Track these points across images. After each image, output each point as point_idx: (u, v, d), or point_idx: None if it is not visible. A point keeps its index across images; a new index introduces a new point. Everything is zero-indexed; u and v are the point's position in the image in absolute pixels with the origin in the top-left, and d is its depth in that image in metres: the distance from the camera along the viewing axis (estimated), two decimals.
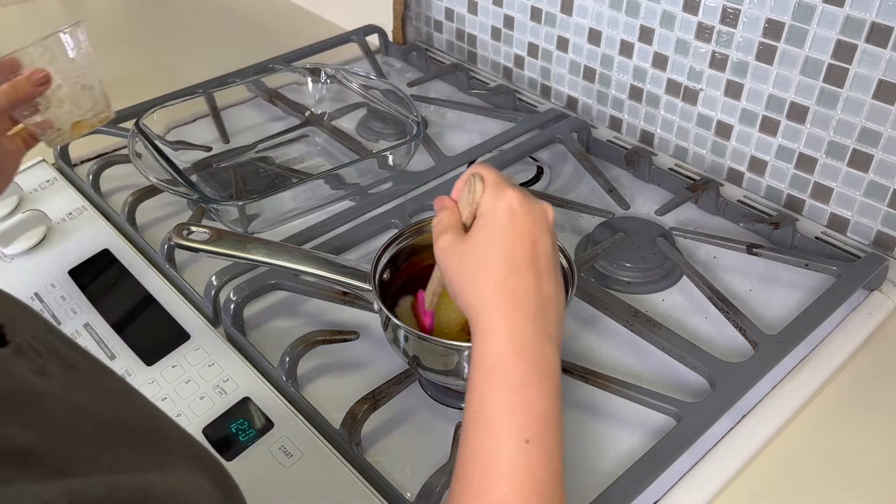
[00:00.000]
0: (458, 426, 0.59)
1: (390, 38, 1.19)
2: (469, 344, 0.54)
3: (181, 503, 0.32)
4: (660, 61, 0.89)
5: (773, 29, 0.77)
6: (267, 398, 0.61)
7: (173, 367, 0.64)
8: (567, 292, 0.60)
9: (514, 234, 0.48)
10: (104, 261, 0.75)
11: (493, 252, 0.48)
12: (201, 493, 0.33)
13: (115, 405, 0.35)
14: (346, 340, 0.65)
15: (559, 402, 0.45)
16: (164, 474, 0.33)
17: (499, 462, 0.42)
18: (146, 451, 0.34)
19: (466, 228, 0.50)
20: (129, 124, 0.85)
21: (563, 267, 0.63)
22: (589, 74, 0.98)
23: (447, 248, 0.50)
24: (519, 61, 1.06)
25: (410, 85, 1.06)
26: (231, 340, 0.67)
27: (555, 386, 0.45)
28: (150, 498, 0.31)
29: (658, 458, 0.56)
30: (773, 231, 0.78)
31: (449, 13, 1.13)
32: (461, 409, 0.62)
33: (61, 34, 0.64)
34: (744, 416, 0.62)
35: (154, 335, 0.68)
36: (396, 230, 0.66)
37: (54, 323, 0.69)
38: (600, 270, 0.75)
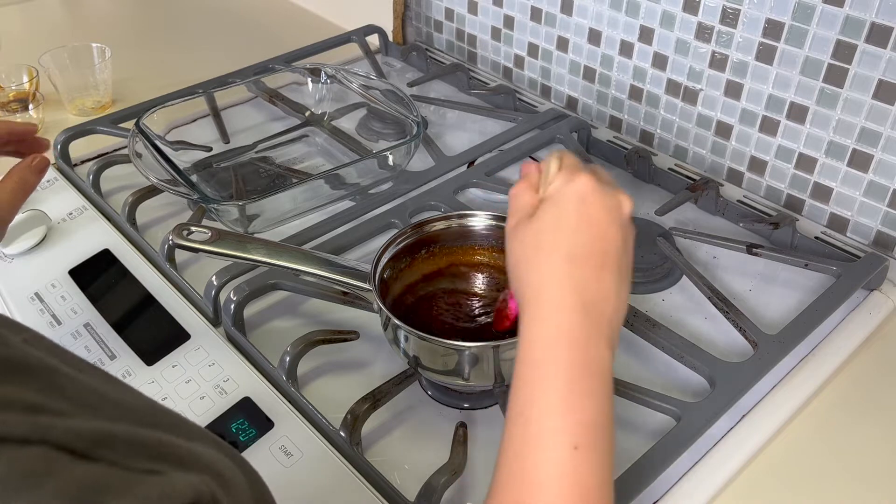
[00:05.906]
0: (459, 426, 0.59)
1: (390, 38, 1.19)
2: (469, 344, 0.54)
3: (204, 462, 0.30)
4: (660, 61, 0.89)
5: (772, 29, 0.77)
6: (267, 398, 0.61)
7: (173, 366, 0.64)
8: None
9: (581, 221, 0.44)
10: (104, 261, 0.75)
11: (554, 235, 0.44)
12: (225, 467, 0.31)
13: (131, 395, 0.34)
14: (346, 340, 0.65)
15: (611, 407, 0.41)
16: (189, 443, 0.31)
17: (544, 468, 0.38)
18: (167, 431, 0.32)
19: None
20: (130, 124, 0.85)
21: None
22: (589, 74, 0.98)
23: (513, 228, 0.47)
24: (519, 61, 1.06)
25: (410, 85, 1.06)
26: (231, 340, 0.67)
27: (606, 390, 0.41)
28: (169, 449, 0.29)
29: (658, 458, 0.56)
30: (773, 231, 0.78)
31: (449, 13, 1.13)
32: (461, 408, 0.62)
33: None
34: (744, 416, 0.62)
35: (154, 335, 0.68)
36: (396, 230, 0.66)
37: (55, 322, 0.69)
38: None
